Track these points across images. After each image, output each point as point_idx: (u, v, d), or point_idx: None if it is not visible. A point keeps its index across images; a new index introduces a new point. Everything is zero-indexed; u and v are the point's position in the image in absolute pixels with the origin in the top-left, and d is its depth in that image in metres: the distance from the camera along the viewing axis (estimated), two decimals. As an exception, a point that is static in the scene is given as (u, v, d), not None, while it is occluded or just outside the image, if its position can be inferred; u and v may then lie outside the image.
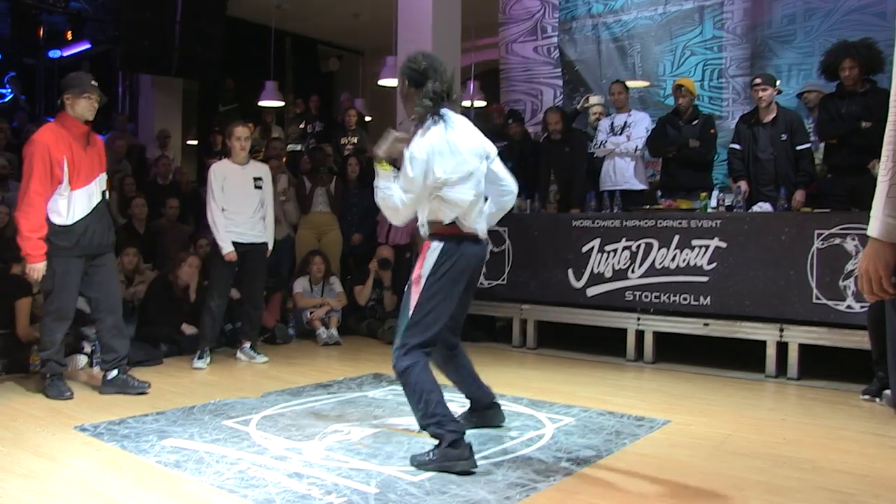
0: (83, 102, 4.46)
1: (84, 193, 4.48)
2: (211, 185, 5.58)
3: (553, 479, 2.98)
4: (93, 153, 4.58)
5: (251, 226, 5.65)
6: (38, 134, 4.42)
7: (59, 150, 4.35)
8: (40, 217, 4.32)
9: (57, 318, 4.49)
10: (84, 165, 4.47)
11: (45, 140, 4.35)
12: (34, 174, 4.30)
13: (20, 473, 3.02)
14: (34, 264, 4.31)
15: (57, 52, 11.85)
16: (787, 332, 5.16)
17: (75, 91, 4.45)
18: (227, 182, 5.58)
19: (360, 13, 10.81)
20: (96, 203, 4.55)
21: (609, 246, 5.98)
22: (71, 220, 4.41)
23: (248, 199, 5.64)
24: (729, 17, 7.45)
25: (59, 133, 4.42)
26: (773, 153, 5.89)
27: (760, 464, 3.23)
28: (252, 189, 5.67)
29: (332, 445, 3.43)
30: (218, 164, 5.77)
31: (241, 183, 5.63)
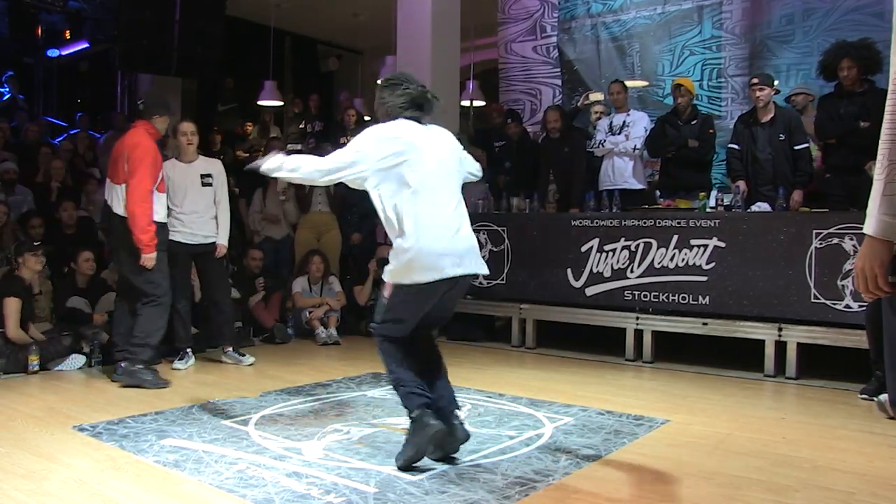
0: (168, 122, 5.17)
1: (164, 198, 5.07)
2: None
3: (552, 479, 2.98)
4: None
5: (201, 225, 5.54)
6: (145, 139, 4.91)
7: (160, 157, 4.97)
8: (152, 211, 4.84)
9: (160, 306, 4.95)
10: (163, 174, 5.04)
11: (152, 145, 4.91)
12: (147, 173, 4.79)
13: (19, 473, 3.02)
14: (150, 255, 4.79)
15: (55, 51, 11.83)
16: (786, 331, 5.16)
17: (166, 112, 5.14)
18: (172, 181, 5.43)
19: (359, 13, 10.81)
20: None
21: (608, 245, 5.99)
22: (163, 220, 5.02)
23: (196, 198, 5.53)
24: (728, 16, 7.46)
25: (153, 141, 4.96)
26: (771, 153, 5.89)
27: (759, 463, 3.23)
28: (200, 187, 5.55)
29: (331, 445, 3.43)
30: (164, 162, 5.47)
31: (188, 181, 5.52)
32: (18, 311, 5.19)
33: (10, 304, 5.17)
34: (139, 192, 4.76)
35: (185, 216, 5.49)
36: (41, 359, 5.18)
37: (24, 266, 5.34)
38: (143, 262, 4.77)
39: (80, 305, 5.77)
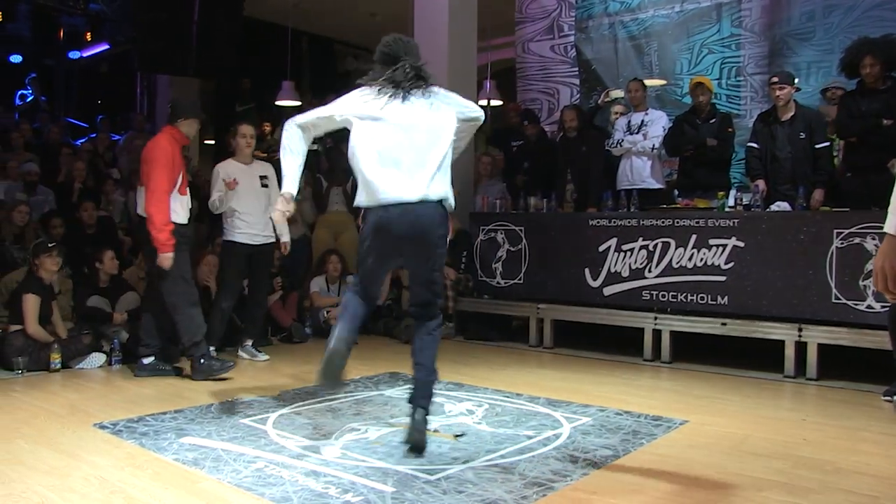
0: (193, 126, 5.14)
1: (186, 200, 5.06)
2: (215, 185, 5.59)
3: (570, 479, 2.97)
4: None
5: (262, 227, 5.64)
6: (162, 139, 4.99)
7: (178, 158, 4.98)
8: (169, 211, 4.85)
9: (191, 304, 4.96)
10: (185, 175, 5.07)
11: (170, 147, 4.94)
12: (162, 173, 4.85)
13: (42, 470, 3.05)
14: (167, 254, 4.82)
15: (76, 53, 11.95)
16: (806, 331, 5.12)
17: (192, 115, 5.11)
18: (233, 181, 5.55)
19: (376, 13, 10.83)
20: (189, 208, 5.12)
21: (626, 245, 5.96)
22: (184, 221, 5.01)
23: (258, 199, 5.63)
24: (747, 14, 7.40)
25: (175, 144, 5.00)
26: (791, 152, 5.84)
27: (780, 464, 3.21)
28: (259, 188, 5.66)
29: (349, 444, 3.43)
30: (223, 163, 5.73)
31: (249, 182, 5.61)
32: (37, 308, 5.25)
33: (30, 300, 5.23)
34: (155, 194, 4.81)
35: (247, 216, 5.57)
36: (62, 357, 5.24)
37: (41, 268, 5.40)
38: (160, 262, 4.81)
39: (101, 304, 5.81)
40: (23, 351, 5.15)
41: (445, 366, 5.47)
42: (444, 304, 4.33)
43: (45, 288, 5.37)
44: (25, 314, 5.20)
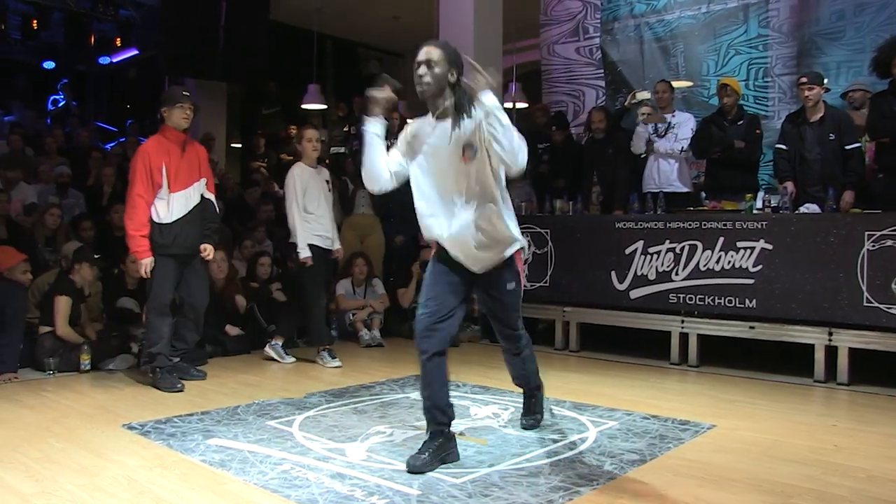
0: (177, 112, 4.90)
1: (182, 196, 4.88)
2: (294, 188, 5.59)
3: (596, 484, 2.95)
4: (192, 159, 4.98)
5: (330, 229, 5.74)
6: (143, 144, 4.96)
7: (159, 157, 4.80)
8: (143, 217, 4.75)
9: (159, 314, 4.87)
10: (182, 170, 4.90)
11: (147, 149, 4.84)
12: (137, 179, 4.75)
13: (73, 469, 3.09)
14: (142, 260, 4.74)
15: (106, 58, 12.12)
16: (837, 335, 5.05)
17: (169, 104, 4.90)
18: (309, 185, 5.63)
19: (400, 16, 10.86)
20: (192, 206, 4.93)
21: (652, 248, 5.92)
22: (169, 220, 4.82)
23: (326, 202, 5.73)
24: (774, 14, 7.32)
25: (161, 142, 4.88)
26: (820, 153, 5.77)
27: (810, 471, 3.16)
28: (327, 191, 5.76)
29: (375, 447, 3.44)
30: (295, 167, 5.74)
31: (319, 185, 5.70)
32: (69, 311, 5.32)
33: (61, 302, 5.30)
34: (127, 199, 4.80)
35: (321, 219, 5.66)
36: (92, 358, 5.31)
37: (77, 272, 5.48)
38: (137, 269, 4.80)
39: (130, 306, 5.88)
40: (54, 352, 5.23)
41: (472, 369, 5.48)
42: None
43: (76, 291, 5.45)
44: (56, 316, 5.28)
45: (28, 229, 6.67)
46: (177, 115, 4.89)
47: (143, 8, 10.33)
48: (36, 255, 6.28)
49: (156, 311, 4.85)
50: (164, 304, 4.86)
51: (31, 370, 5.28)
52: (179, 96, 4.90)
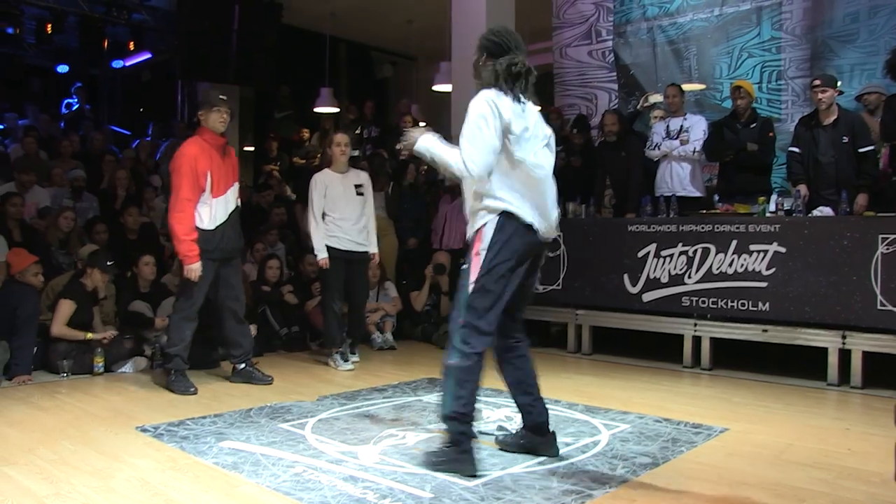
0: (214, 115, 4.90)
1: (223, 201, 4.91)
2: (311, 195, 5.74)
3: (608, 487, 2.94)
4: (228, 164, 5.00)
5: (355, 233, 5.76)
6: (185, 147, 4.87)
7: (203, 162, 4.79)
8: (192, 221, 4.75)
9: (185, 317, 4.88)
10: (223, 175, 4.90)
11: (192, 152, 4.79)
12: (183, 182, 4.73)
13: (87, 471, 3.11)
14: (191, 265, 4.72)
15: (120, 62, 12.19)
16: (850, 339, 5.02)
17: (206, 107, 4.92)
18: (329, 190, 5.72)
19: (413, 19, 10.87)
20: (231, 210, 4.97)
21: (665, 251, 5.90)
22: (212, 226, 4.83)
23: (351, 207, 5.75)
24: (788, 17, 7.29)
25: (202, 145, 4.86)
26: (833, 156, 5.73)
27: (823, 475, 3.15)
28: (354, 196, 5.78)
29: (387, 450, 3.44)
30: (319, 173, 5.89)
31: (343, 190, 5.75)
32: (69, 314, 5.36)
33: (65, 305, 5.36)
34: (175, 203, 4.75)
35: (340, 223, 5.71)
36: (105, 361, 5.34)
37: (89, 277, 5.52)
38: (186, 274, 4.76)
39: (142, 309, 5.91)
40: (67, 354, 5.27)
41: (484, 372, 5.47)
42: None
43: (86, 294, 5.49)
44: (55, 317, 5.34)
45: (42, 232, 6.71)
46: (214, 118, 4.90)
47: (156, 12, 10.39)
48: (49, 257, 6.32)
49: (183, 313, 4.89)
50: (193, 309, 4.90)
51: (45, 372, 5.32)
52: (216, 100, 4.93)
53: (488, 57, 3.26)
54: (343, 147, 5.77)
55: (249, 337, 5.28)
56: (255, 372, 5.12)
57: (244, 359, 5.14)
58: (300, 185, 7.90)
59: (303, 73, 11.18)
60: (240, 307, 5.16)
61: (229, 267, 5.03)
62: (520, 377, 3.41)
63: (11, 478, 3.03)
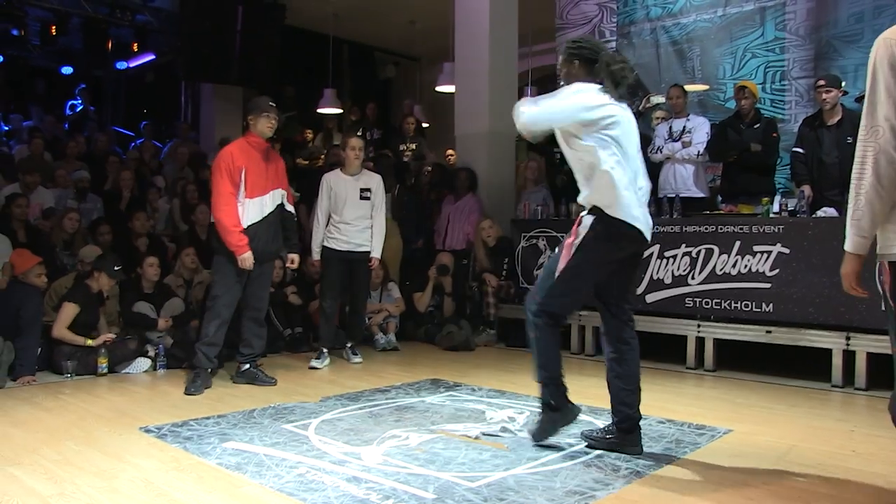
0: (263, 121, 5.03)
1: (257, 203, 5.00)
2: (319, 195, 5.91)
3: (612, 488, 2.94)
4: (272, 168, 5.11)
5: (354, 235, 5.83)
6: (226, 147, 5.06)
7: (240, 160, 4.95)
8: (237, 214, 4.87)
9: (214, 315, 4.95)
10: (261, 178, 5.00)
11: (230, 151, 4.97)
12: (222, 177, 4.88)
13: (91, 471, 3.12)
14: (243, 255, 4.86)
15: (123, 63, 12.22)
16: (855, 340, 5.01)
17: (256, 112, 5.05)
18: (334, 192, 5.83)
19: (416, 20, 10.89)
20: (267, 213, 5.06)
21: (668, 252, 5.90)
22: (244, 224, 4.91)
23: (354, 210, 5.83)
24: (791, 17, 7.28)
25: (243, 146, 5.03)
26: (838, 156, 5.73)
27: (828, 477, 3.14)
28: (359, 200, 5.85)
29: (390, 451, 3.44)
30: (329, 174, 6.01)
31: (348, 193, 5.82)
32: (72, 317, 5.38)
33: (68, 308, 5.38)
34: (218, 198, 4.89)
35: (341, 225, 5.81)
36: (109, 361, 5.35)
37: (95, 279, 5.54)
38: (241, 264, 4.87)
39: (146, 310, 5.92)
40: (71, 355, 5.28)
41: (487, 373, 5.48)
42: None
43: (90, 296, 5.50)
44: (58, 318, 5.36)
45: (46, 233, 6.73)
46: (262, 123, 5.02)
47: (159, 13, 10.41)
48: (54, 258, 6.34)
49: (214, 311, 4.97)
50: (224, 309, 4.97)
51: (50, 373, 5.34)
52: (266, 106, 5.05)
53: (583, 63, 3.40)
54: (357, 151, 5.87)
55: (262, 340, 5.31)
56: (259, 373, 5.14)
57: (251, 360, 5.17)
58: (303, 185, 7.90)
59: (306, 74, 11.19)
60: (261, 308, 5.24)
61: (260, 269, 5.08)
62: None
63: (16, 478, 3.03)
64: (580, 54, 3.39)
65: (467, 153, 7.95)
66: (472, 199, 7.60)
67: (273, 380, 5.11)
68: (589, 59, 3.37)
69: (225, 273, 4.95)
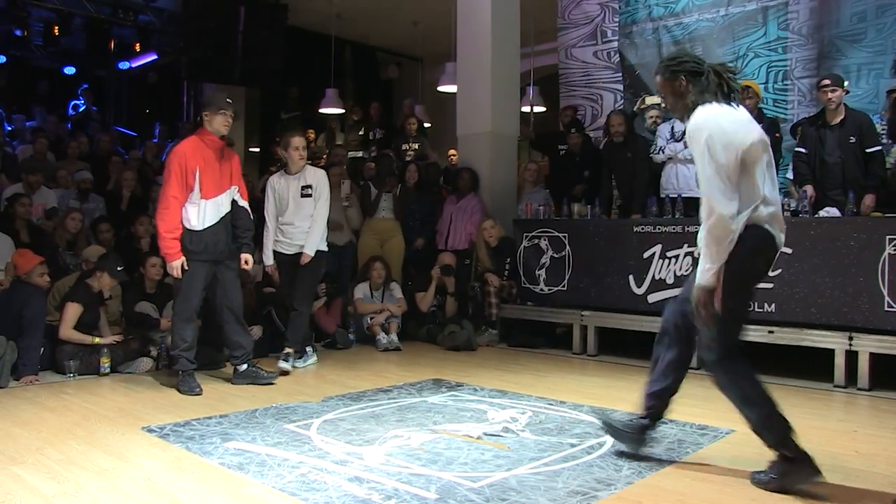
0: (219, 118, 4.91)
1: (214, 203, 4.90)
2: (265, 199, 5.77)
3: (614, 488, 2.94)
4: (226, 167, 4.99)
5: (297, 236, 5.67)
6: (178, 145, 4.93)
7: (194, 160, 4.79)
8: (175, 219, 4.76)
9: (184, 319, 4.91)
10: (216, 177, 4.89)
11: (183, 150, 4.82)
12: (171, 180, 4.76)
13: (93, 470, 3.12)
14: (172, 262, 4.77)
15: (126, 63, 12.24)
16: (857, 340, 5.00)
17: (212, 108, 4.92)
18: (278, 193, 5.71)
19: (418, 21, 10.89)
20: (224, 213, 4.96)
21: (671, 252, 5.90)
22: (200, 227, 4.84)
23: (296, 209, 5.66)
24: (794, 17, 7.27)
25: (197, 145, 4.87)
26: (840, 156, 5.72)
27: (831, 477, 3.12)
28: (299, 198, 5.68)
29: (392, 450, 3.44)
30: (273, 176, 5.89)
31: (290, 193, 5.68)
32: (76, 317, 5.39)
33: (71, 308, 5.37)
34: (161, 200, 4.82)
35: (284, 227, 5.69)
36: (111, 361, 5.36)
37: (97, 279, 5.54)
38: (169, 271, 4.86)
39: (148, 310, 5.92)
40: (74, 355, 5.28)
41: (489, 373, 5.48)
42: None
43: (91, 296, 5.50)
44: (62, 319, 5.36)
45: (49, 233, 6.74)
46: (219, 120, 4.91)
47: (162, 13, 10.43)
48: (57, 258, 6.34)
49: (181, 315, 4.92)
50: (190, 310, 4.92)
51: (52, 373, 5.34)
52: (223, 102, 4.95)
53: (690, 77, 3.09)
54: (301, 151, 5.66)
55: (249, 337, 5.27)
56: (258, 371, 5.13)
57: (245, 359, 5.14)
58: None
59: (308, 74, 11.19)
60: (236, 308, 5.11)
61: (223, 268, 5.02)
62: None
63: (19, 477, 3.04)
64: (684, 68, 3.10)
65: (469, 153, 7.95)
66: (474, 199, 7.60)
67: (274, 374, 5.13)
68: (694, 71, 3.10)
69: (187, 276, 4.85)
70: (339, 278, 7.42)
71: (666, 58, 3.28)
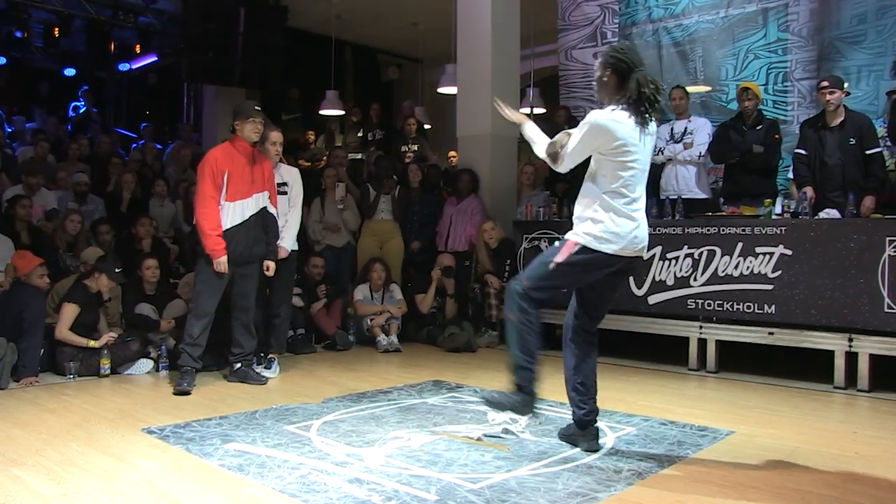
0: (249, 126, 5.08)
1: (238, 206, 5.04)
2: None
3: (614, 489, 2.94)
4: (257, 171, 5.13)
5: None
6: (211, 151, 5.16)
7: (223, 164, 5.01)
8: (217, 217, 4.93)
9: (196, 316, 4.99)
10: (244, 182, 5.03)
11: (214, 155, 5.03)
12: (205, 180, 4.94)
13: (93, 472, 3.12)
14: (219, 259, 4.89)
15: (126, 65, 12.24)
16: (857, 342, 5.00)
17: (242, 117, 5.08)
18: None
19: (418, 22, 10.90)
20: (249, 216, 5.09)
21: (671, 253, 5.90)
22: (223, 228, 4.94)
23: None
24: (794, 18, 7.28)
25: (228, 150, 5.08)
26: (840, 158, 5.72)
27: (830, 478, 3.14)
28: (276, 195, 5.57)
29: (392, 452, 3.44)
30: None
31: None
32: (73, 318, 5.39)
33: (68, 309, 5.37)
34: (200, 201, 4.95)
35: None
36: (111, 363, 5.36)
37: (95, 280, 5.54)
38: (215, 267, 4.89)
39: (148, 312, 5.93)
40: (74, 357, 5.28)
41: (490, 374, 5.48)
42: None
43: (89, 297, 5.50)
44: (60, 320, 5.36)
45: (49, 235, 6.74)
46: (249, 128, 5.07)
47: (162, 15, 10.43)
48: (57, 260, 6.34)
49: (193, 311, 5.04)
50: (203, 308, 4.99)
51: (52, 374, 5.34)
52: (252, 111, 5.09)
53: (616, 75, 3.35)
54: (277, 146, 5.58)
55: (253, 341, 5.29)
56: (250, 372, 5.20)
57: (241, 359, 5.20)
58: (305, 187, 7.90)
59: (308, 76, 11.20)
60: (248, 312, 5.21)
61: (244, 271, 5.11)
62: None
63: (19, 478, 3.04)
64: (616, 66, 3.32)
65: (469, 155, 7.95)
66: (474, 201, 7.60)
67: (264, 379, 5.18)
68: (621, 72, 3.30)
69: (206, 275, 4.96)
70: (338, 279, 7.43)
71: (613, 46, 3.56)
